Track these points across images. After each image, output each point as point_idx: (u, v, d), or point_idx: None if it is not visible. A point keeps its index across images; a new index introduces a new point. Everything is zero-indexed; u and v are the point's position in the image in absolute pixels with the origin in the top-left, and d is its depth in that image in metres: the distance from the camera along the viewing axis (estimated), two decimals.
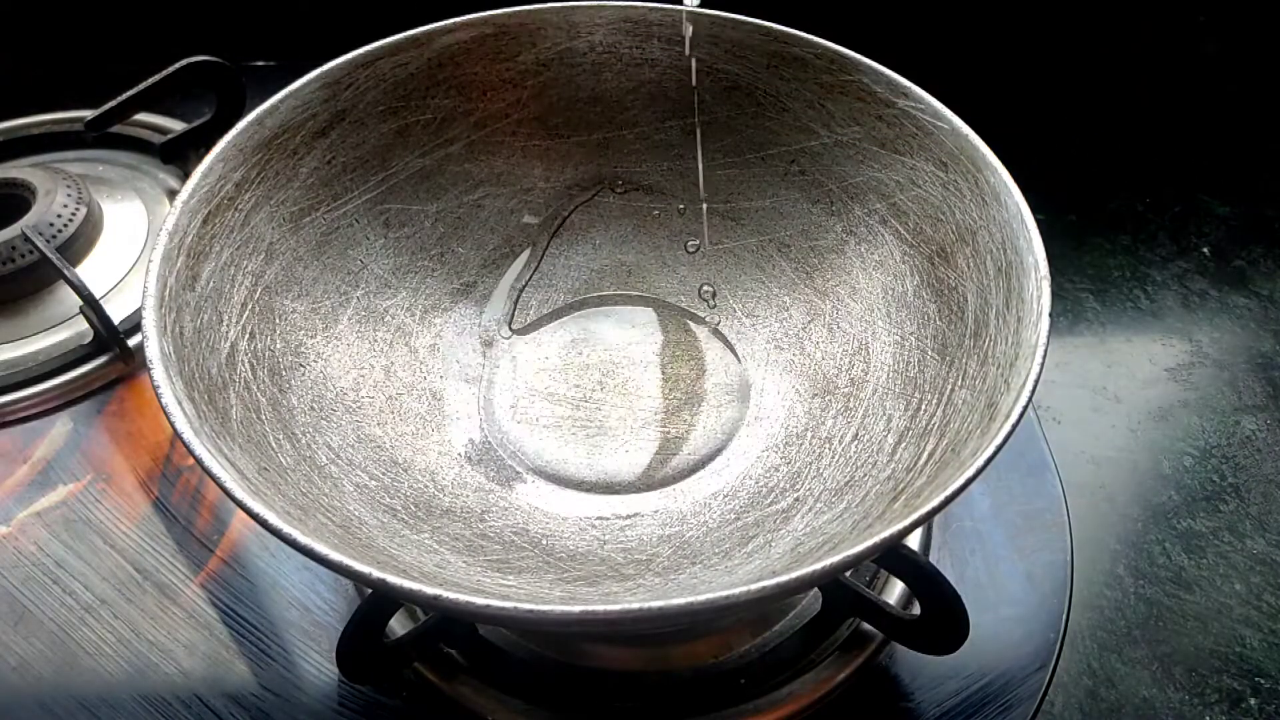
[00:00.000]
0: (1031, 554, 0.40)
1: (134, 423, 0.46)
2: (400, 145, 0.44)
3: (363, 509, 0.35)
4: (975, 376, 0.35)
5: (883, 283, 0.41)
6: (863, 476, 0.37)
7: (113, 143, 0.59)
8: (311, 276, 0.41)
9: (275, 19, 0.67)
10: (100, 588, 0.40)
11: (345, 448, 0.38)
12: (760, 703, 0.36)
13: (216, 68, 0.54)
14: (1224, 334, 0.51)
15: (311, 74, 0.40)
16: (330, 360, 0.41)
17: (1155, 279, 0.53)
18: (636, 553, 0.37)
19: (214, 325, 0.36)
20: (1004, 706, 0.36)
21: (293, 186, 0.40)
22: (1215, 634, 0.39)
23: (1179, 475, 0.45)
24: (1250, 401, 0.47)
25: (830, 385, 0.41)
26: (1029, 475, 0.43)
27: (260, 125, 0.39)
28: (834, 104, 0.41)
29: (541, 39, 0.44)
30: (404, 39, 0.42)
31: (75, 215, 0.51)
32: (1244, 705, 0.37)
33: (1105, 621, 0.40)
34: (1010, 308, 0.34)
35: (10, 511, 0.43)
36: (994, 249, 0.35)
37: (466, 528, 0.37)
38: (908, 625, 0.35)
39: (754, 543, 0.36)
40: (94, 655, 0.38)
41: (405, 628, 0.37)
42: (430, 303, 0.45)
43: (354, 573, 0.27)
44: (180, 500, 0.43)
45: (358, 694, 0.37)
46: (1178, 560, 0.42)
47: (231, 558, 0.41)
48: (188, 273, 0.35)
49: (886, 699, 0.37)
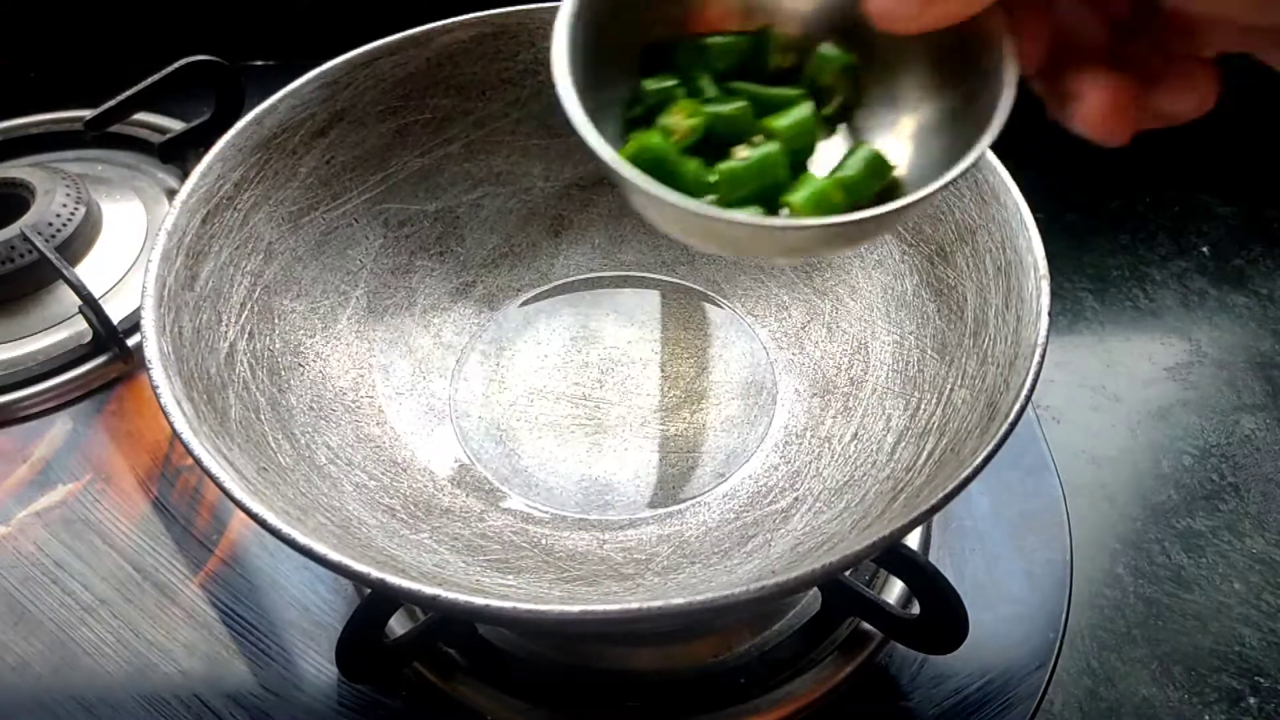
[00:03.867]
0: (1031, 553, 0.40)
1: (133, 422, 0.46)
2: (399, 145, 0.43)
3: (362, 509, 0.35)
4: (974, 376, 0.35)
5: (882, 282, 0.41)
6: (862, 476, 0.37)
7: (112, 142, 0.59)
8: (311, 276, 0.41)
9: (275, 19, 0.67)
10: (100, 588, 0.40)
11: (344, 447, 0.38)
12: (760, 702, 0.36)
13: (215, 67, 0.53)
14: (1223, 333, 0.51)
15: (310, 73, 0.40)
16: (329, 360, 0.41)
17: (1155, 278, 0.53)
18: (636, 552, 0.37)
19: (213, 325, 0.36)
20: (1003, 706, 0.36)
21: (292, 186, 0.40)
22: (1214, 633, 0.39)
23: (1178, 474, 0.45)
24: (1250, 401, 0.47)
25: (829, 385, 0.41)
26: (1028, 474, 0.43)
27: (259, 125, 0.39)
28: None
29: (541, 38, 0.44)
30: (403, 39, 0.42)
31: (74, 215, 0.51)
32: (1243, 704, 0.37)
33: (1105, 621, 0.40)
34: (1010, 307, 0.34)
35: (10, 511, 0.43)
36: (993, 248, 0.35)
37: (466, 527, 0.37)
38: (907, 624, 0.35)
39: (753, 542, 0.36)
40: (93, 655, 0.38)
41: (405, 627, 0.37)
42: (430, 303, 0.45)
43: (353, 572, 0.27)
44: (179, 500, 0.43)
45: (357, 693, 0.37)
46: (1177, 559, 0.42)
47: (231, 558, 0.41)
48: (187, 272, 0.35)
49: (886, 698, 0.37)
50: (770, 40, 0.28)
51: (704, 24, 0.28)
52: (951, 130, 0.26)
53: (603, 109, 0.27)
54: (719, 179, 0.27)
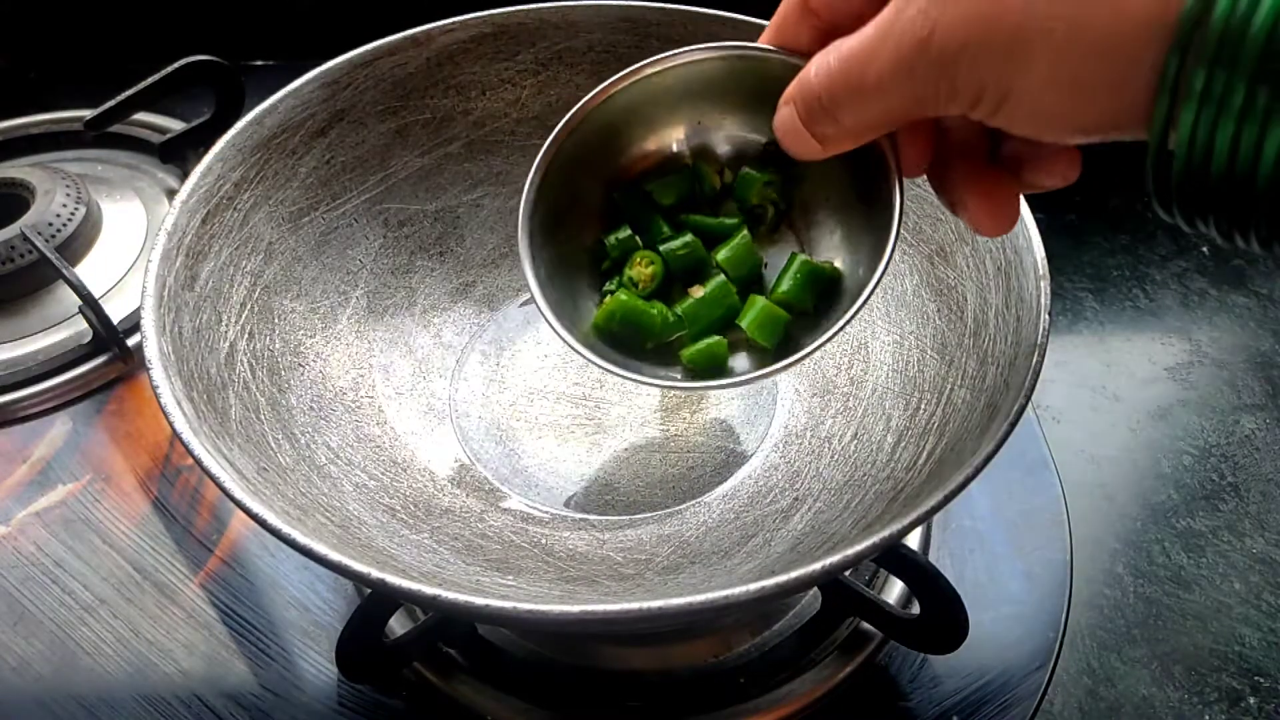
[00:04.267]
0: (1031, 553, 0.40)
1: (133, 422, 0.46)
2: (399, 145, 0.44)
3: (362, 509, 0.35)
4: (974, 376, 0.35)
5: (882, 282, 0.41)
6: (862, 476, 0.37)
7: (112, 142, 0.59)
8: (311, 276, 0.41)
9: (275, 19, 0.67)
10: (100, 588, 0.40)
11: (344, 447, 0.38)
12: (760, 702, 0.36)
13: (216, 67, 0.53)
14: (1223, 333, 0.51)
15: (311, 73, 0.40)
16: (329, 360, 0.41)
17: (1154, 278, 0.53)
18: (636, 552, 0.37)
19: (213, 325, 0.36)
20: (1003, 705, 0.36)
21: (292, 186, 0.40)
22: (1214, 633, 0.39)
23: (1178, 474, 0.45)
24: (1249, 400, 0.47)
25: (829, 385, 0.41)
26: (1028, 474, 0.43)
27: (259, 125, 0.39)
28: None
29: (541, 39, 0.44)
30: (403, 38, 0.42)
31: (74, 215, 0.51)
32: (1243, 704, 0.37)
33: (1105, 620, 0.40)
34: (1010, 307, 0.34)
35: (10, 511, 0.43)
36: (993, 248, 0.35)
37: (466, 527, 0.37)
38: (907, 624, 0.35)
39: (754, 542, 0.36)
40: (93, 655, 0.38)
41: (405, 627, 0.37)
42: (429, 302, 0.45)
43: (353, 572, 0.27)
44: (179, 500, 0.43)
45: (357, 693, 0.37)
46: (1177, 559, 0.42)
47: (231, 557, 0.41)
48: (187, 272, 0.35)
49: (886, 698, 0.37)
50: (702, 171, 0.34)
51: (647, 165, 0.34)
52: (871, 228, 0.30)
53: (575, 257, 0.34)
54: (683, 317, 0.33)
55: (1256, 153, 0.19)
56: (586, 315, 0.34)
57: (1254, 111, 0.18)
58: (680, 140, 0.33)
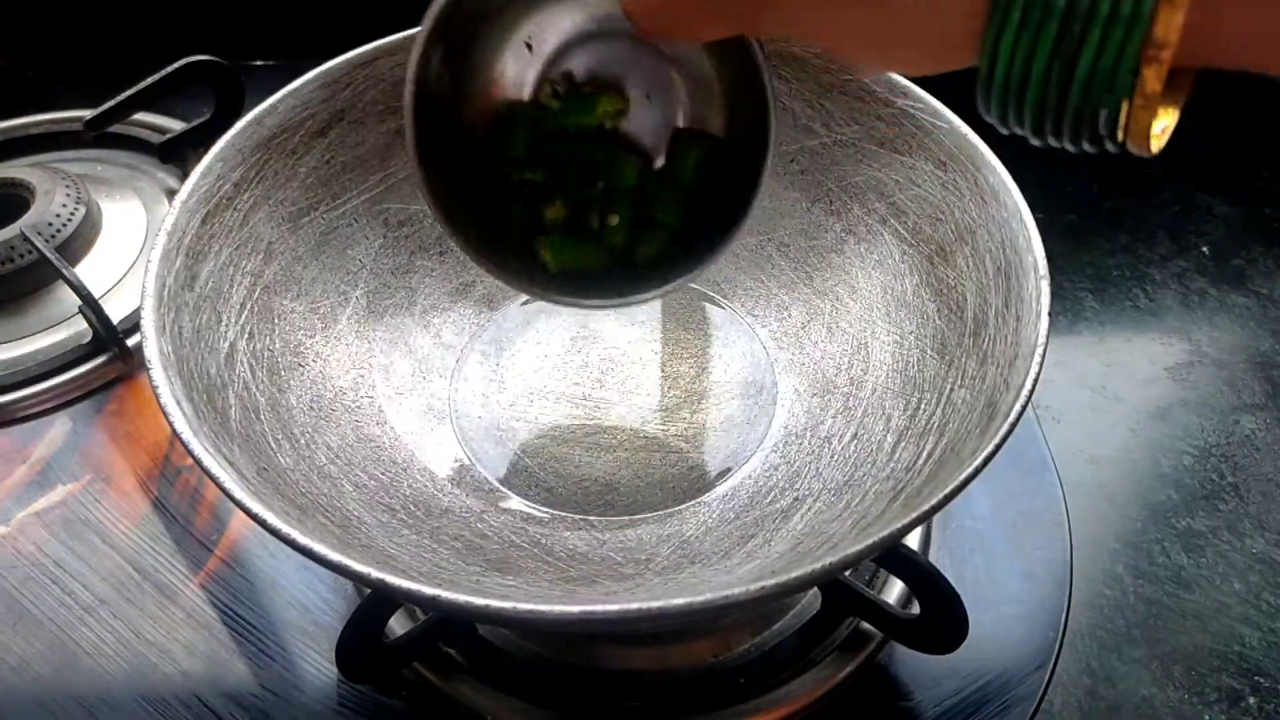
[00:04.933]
0: (1031, 553, 0.40)
1: (133, 423, 0.46)
2: (399, 144, 0.43)
3: (362, 509, 0.35)
4: (974, 376, 0.35)
5: (882, 282, 0.41)
6: (862, 476, 0.37)
7: (111, 142, 0.59)
8: (310, 276, 0.41)
9: (275, 19, 0.67)
10: (99, 588, 0.40)
11: (344, 448, 0.38)
12: (760, 702, 0.36)
13: (215, 67, 0.53)
14: (1223, 333, 0.51)
15: (310, 73, 0.40)
16: (329, 360, 0.41)
17: (1154, 278, 0.53)
18: (636, 552, 0.37)
19: (213, 325, 0.36)
20: (1003, 706, 0.36)
21: (291, 186, 0.40)
22: (1214, 633, 0.39)
23: (1178, 474, 0.45)
24: (1249, 400, 0.47)
25: (829, 384, 0.41)
26: (1028, 474, 0.43)
27: (259, 125, 0.39)
28: (833, 103, 0.41)
29: None
30: (403, 39, 0.42)
31: (74, 215, 0.51)
32: (1243, 704, 0.37)
33: (1104, 620, 0.40)
34: (1009, 307, 0.34)
35: (9, 511, 0.43)
36: (993, 248, 0.35)
37: (466, 527, 0.37)
38: (907, 624, 0.35)
39: (753, 542, 0.36)
40: (93, 655, 0.38)
41: (405, 628, 0.37)
42: (429, 303, 0.45)
43: (353, 573, 0.27)
44: (179, 500, 0.43)
45: (357, 694, 0.37)
46: (1177, 559, 0.42)
47: (231, 558, 0.41)
48: (186, 272, 0.35)
49: (886, 698, 0.37)
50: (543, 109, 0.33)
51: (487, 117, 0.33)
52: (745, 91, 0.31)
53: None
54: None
55: (1070, 71, 0.21)
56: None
57: (1069, 36, 0.20)
58: (519, 74, 0.33)
